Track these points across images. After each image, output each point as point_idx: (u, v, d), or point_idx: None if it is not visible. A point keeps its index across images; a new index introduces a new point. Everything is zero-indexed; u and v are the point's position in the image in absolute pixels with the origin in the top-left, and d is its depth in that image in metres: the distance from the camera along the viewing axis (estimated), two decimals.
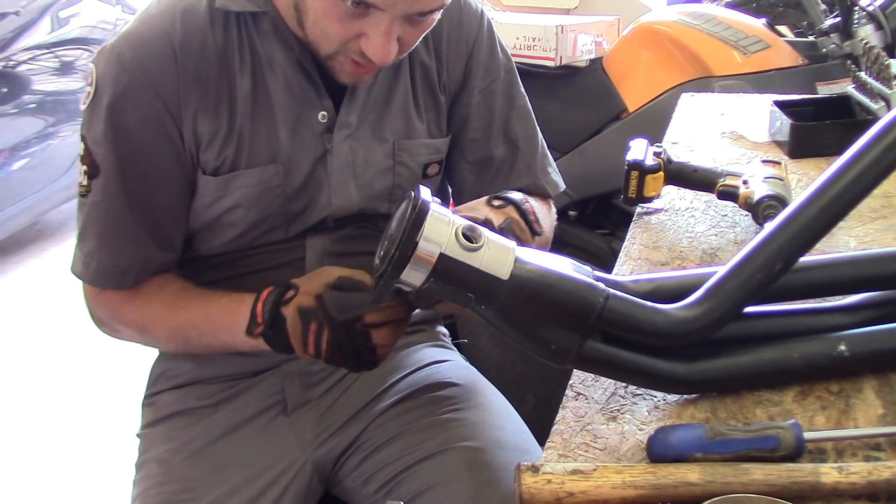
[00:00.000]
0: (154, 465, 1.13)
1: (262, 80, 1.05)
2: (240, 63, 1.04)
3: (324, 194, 1.09)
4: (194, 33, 1.02)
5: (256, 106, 1.05)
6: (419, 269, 0.75)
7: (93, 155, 1.03)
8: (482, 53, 1.18)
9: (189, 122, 1.03)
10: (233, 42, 1.04)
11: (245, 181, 1.06)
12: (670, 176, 1.24)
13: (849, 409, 0.79)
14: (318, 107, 1.07)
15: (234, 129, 1.04)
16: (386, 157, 1.12)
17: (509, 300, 0.76)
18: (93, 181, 1.04)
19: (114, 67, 1.01)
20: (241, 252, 1.11)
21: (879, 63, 1.45)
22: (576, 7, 3.33)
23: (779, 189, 1.13)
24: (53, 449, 2.49)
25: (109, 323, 1.13)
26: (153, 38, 1.01)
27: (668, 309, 0.79)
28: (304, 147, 1.08)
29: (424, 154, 1.16)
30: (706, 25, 2.38)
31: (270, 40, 1.04)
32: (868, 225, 1.17)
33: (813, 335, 0.84)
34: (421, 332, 1.26)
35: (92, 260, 1.07)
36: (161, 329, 1.10)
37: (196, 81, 1.02)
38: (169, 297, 1.09)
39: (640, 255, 1.12)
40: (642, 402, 0.83)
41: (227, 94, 1.04)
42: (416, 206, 0.75)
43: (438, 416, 1.11)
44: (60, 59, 4.04)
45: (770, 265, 0.79)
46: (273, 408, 1.15)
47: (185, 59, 1.01)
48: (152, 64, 1.00)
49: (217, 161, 1.05)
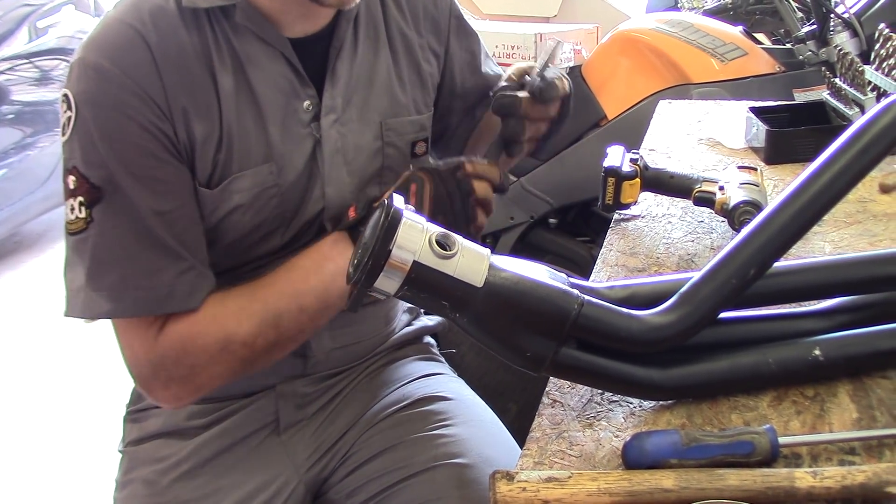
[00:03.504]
0: (140, 485, 1.11)
1: (245, 77, 0.99)
2: (220, 62, 0.98)
3: (317, 187, 1.05)
4: (168, 33, 0.95)
5: (242, 105, 0.99)
6: (393, 278, 0.74)
7: (90, 181, 0.93)
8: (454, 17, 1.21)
9: (181, 126, 0.96)
10: (208, 41, 0.98)
11: (239, 186, 1.00)
12: (647, 182, 1.24)
13: (824, 414, 0.79)
14: (302, 96, 1.03)
15: (224, 132, 0.98)
16: (374, 138, 1.09)
17: (484, 307, 0.75)
18: (94, 209, 0.93)
19: (93, 81, 0.93)
20: (236, 273, 1.05)
21: (854, 69, 1.46)
22: (555, 15, 3.35)
23: (754, 195, 1.14)
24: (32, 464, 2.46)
25: (178, 363, 0.97)
26: (127, 42, 0.93)
27: (643, 315, 0.79)
28: (295, 141, 1.03)
29: (411, 132, 1.13)
30: (684, 33, 2.39)
31: (245, 33, 0.99)
32: (843, 230, 1.18)
33: (788, 340, 0.84)
34: (410, 345, 1.26)
35: (125, 290, 0.94)
36: (247, 323, 0.97)
37: (181, 82, 0.95)
38: (239, 291, 0.99)
39: (618, 262, 1.12)
40: (618, 409, 0.82)
41: (213, 95, 0.97)
42: (389, 213, 0.75)
43: (427, 432, 1.10)
44: (39, 69, 4.02)
45: (744, 270, 0.79)
46: (265, 428, 1.13)
47: (165, 59, 0.94)
48: (133, 68, 0.93)
49: (211, 167, 0.99)
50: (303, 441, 1.13)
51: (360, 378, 1.19)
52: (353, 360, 1.19)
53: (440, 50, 1.19)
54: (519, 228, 2.50)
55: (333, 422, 1.15)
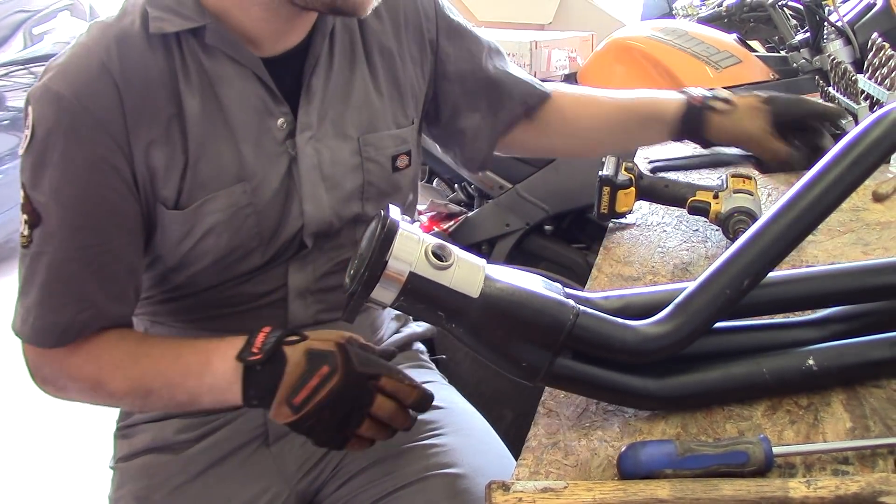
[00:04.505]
0: (132, 501, 1.10)
1: (214, 97, 0.99)
2: (186, 84, 0.97)
3: (295, 204, 1.04)
4: (133, 59, 0.95)
5: (211, 126, 0.99)
6: (389, 288, 0.75)
7: (33, 203, 0.95)
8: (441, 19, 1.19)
9: (141, 156, 0.96)
10: (175, 64, 0.97)
11: (213, 207, 0.99)
12: (642, 191, 1.25)
13: (817, 424, 0.80)
14: (276, 113, 1.02)
15: (189, 154, 0.98)
16: (352, 154, 1.08)
17: (479, 318, 0.76)
18: (34, 231, 0.96)
19: (51, 108, 0.93)
20: (219, 289, 1.06)
21: (847, 79, 1.47)
22: (550, 23, 3.36)
23: (748, 204, 1.15)
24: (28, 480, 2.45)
25: (55, 381, 1.03)
26: (90, 71, 0.93)
27: (638, 325, 0.80)
28: (270, 159, 1.02)
29: (391, 146, 1.11)
30: (678, 41, 2.40)
31: (216, 54, 0.98)
32: (836, 239, 1.18)
33: (781, 350, 0.84)
34: (399, 353, 1.24)
35: (30, 315, 0.98)
36: (120, 381, 1.00)
37: (143, 111, 0.95)
38: (130, 347, 1.01)
39: (613, 271, 1.13)
40: (614, 419, 0.83)
41: (177, 118, 0.97)
42: (386, 225, 0.75)
43: (419, 442, 1.09)
44: (34, 76, 4.02)
45: (738, 281, 0.79)
46: (254, 441, 1.12)
47: (128, 88, 0.94)
48: (93, 99, 0.93)
49: (177, 191, 0.98)
50: (292, 452, 1.12)
51: None
52: None
53: (428, 56, 1.17)
54: (515, 235, 2.50)
55: None
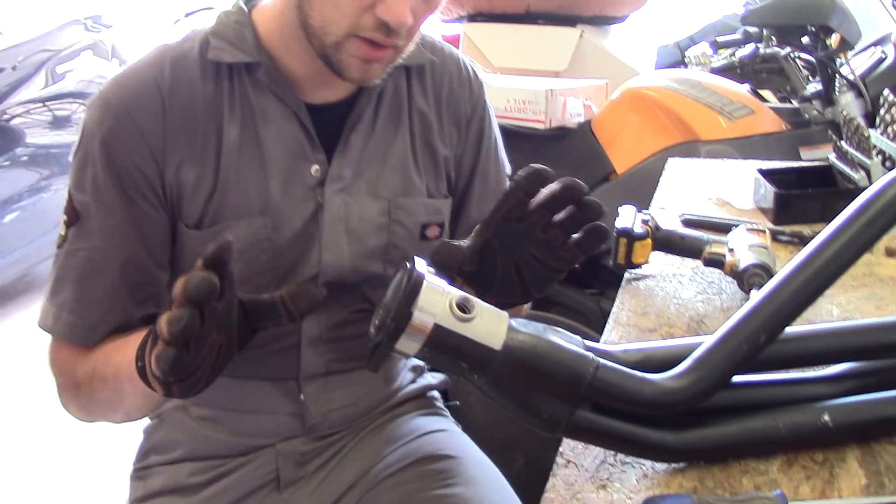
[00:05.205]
0: None
1: (254, 130, 1.04)
2: (230, 112, 1.03)
3: (314, 250, 1.07)
4: (183, 81, 1.02)
5: (245, 156, 1.03)
6: (414, 339, 0.76)
7: (73, 202, 1.02)
8: (483, 121, 1.21)
9: (172, 170, 1.01)
10: (223, 92, 1.03)
11: (232, 233, 1.01)
12: (658, 243, 1.27)
13: (833, 479, 0.81)
14: (311, 160, 1.06)
15: (219, 179, 1.02)
16: (381, 213, 1.10)
17: (502, 370, 0.77)
18: (70, 229, 1.02)
19: (98, 112, 1.01)
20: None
21: (859, 134, 1.49)
22: (565, 69, 3.40)
23: (763, 257, 1.16)
24: None
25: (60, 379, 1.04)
26: (140, 84, 1.01)
27: (656, 379, 0.81)
28: (296, 201, 1.06)
29: (423, 214, 1.14)
30: (692, 91, 2.43)
31: (264, 91, 1.04)
32: (850, 293, 1.20)
33: (797, 405, 0.85)
34: (413, 401, 1.25)
35: (62, 311, 1.02)
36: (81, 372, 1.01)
37: (183, 129, 1.01)
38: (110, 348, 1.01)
39: (629, 321, 1.14)
40: (631, 471, 0.84)
41: (214, 143, 1.02)
42: (411, 276, 0.77)
43: (431, 492, 1.08)
44: (54, 113, 4.09)
45: (755, 337, 0.81)
46: (266, 486, 1.13)
47: (173, 106, 1.01)
48: (138, 109, 1.00)
49: (200, 212, 1.03)
50: (304, 499, 1.12)
51: (361, 435, 1.18)
52: (352, 419, 1.17)
53: (457, 141, 1.19)
54: None
55: (335, 479, 1.14)
